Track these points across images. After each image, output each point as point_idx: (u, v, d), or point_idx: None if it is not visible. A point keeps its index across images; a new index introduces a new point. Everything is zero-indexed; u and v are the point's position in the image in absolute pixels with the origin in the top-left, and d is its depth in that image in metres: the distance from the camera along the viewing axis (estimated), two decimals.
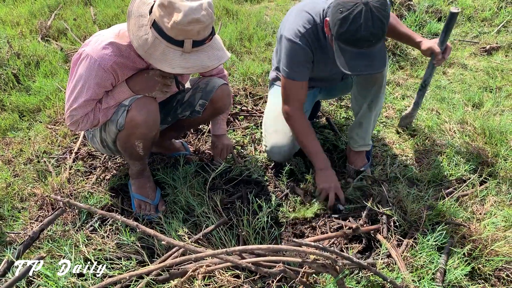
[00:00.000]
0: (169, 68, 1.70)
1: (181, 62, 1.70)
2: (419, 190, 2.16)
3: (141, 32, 1.70)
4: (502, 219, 1.96)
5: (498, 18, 4.39)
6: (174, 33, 1.64)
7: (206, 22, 1.64)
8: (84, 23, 4.40)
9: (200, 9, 1.62)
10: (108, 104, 1.86)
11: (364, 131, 2.30)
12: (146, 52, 1.70)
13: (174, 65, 1.70)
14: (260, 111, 2.98)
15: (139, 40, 1.70)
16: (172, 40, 1.66)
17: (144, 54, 1.71)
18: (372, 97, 2.19)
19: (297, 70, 2.09)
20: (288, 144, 2.29)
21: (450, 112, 2.87)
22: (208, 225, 1.92)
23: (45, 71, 3.41)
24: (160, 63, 1.70)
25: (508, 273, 1.76)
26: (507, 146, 2.44)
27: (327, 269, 1.45)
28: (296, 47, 2.04)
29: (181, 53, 1.70)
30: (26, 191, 2.28)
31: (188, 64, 1.71)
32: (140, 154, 2.00)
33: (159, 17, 1.64)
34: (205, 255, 1.49)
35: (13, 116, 2.94)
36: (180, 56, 1.70)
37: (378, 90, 2.17)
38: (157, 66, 1.71)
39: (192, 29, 1.63)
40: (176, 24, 1.61)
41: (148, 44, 1.68)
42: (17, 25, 4.42)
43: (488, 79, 3.40)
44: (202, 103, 2.19)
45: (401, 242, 1.86)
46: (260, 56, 3.71)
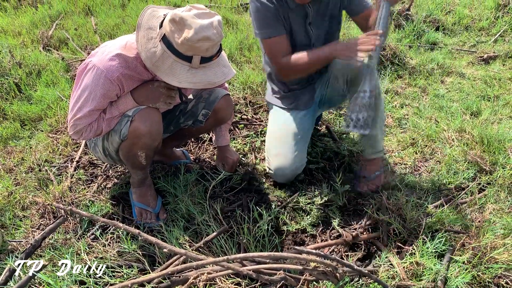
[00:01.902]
0: (176, 82, 1.73)
1: (188, 77, 1.73)
2: (418, 197, 2.18)
3: (149, 44, 1.73)
4: (501, 226, 1.97)
5: (495, 27, 4.44)
6: (183, 48, 1.67)
7: (216, 40, 1.67)
8: (85, 33, 4.45)
9: (210, 27, 1.65)
10: (112, 114, 1.88)
11: (373, 139, 2.29)
12: (153, 64, 1.72)
13: (181, 80, 1.73)
14: (260, 120, 3.00)
15: (147, 53, 1.72)
16: (181, 55, 1.69)
17: (152, 67, 1.73)
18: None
19: (269, 27, 2.11)
20: (290, 166, 2.25)
21: (449, 120, 2.90)
22: (209, 233, 1.93)
23: (46, 81, 3.43)
24: (168, 76, 1.72)
25: (508, 280, 1.77)
26: (505, 154, 2.46)
27: (328, 276, 1.46)
28: (259, 5, 2.07)
29: (188, 68, 1.72)
30: (28, 199, 2.29)
31: (195, 80, 1.74)
32: (142, 163, 2.02)
33: (169, 32, 1.67)
34: (206, 262, 1.50)
35: (15, 125, 2.96)
36: (188, 71, 1.73)
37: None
38: (164, 79, 1.74)
39: (202, 46, 1.66)
40: (186, 41, 1.63)
41: (156, 57, 1.71)
42: (18, 35, 4.46)
43: (485, 87, 3.44)
44: (205, 113, 2.21)
45: (401, 250, 1.87)
46: (259, 66, 3.74)
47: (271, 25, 2.10)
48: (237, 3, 5.48)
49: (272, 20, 2.09)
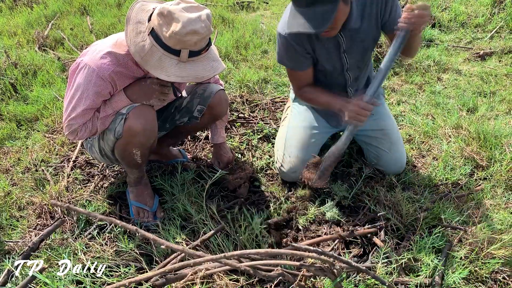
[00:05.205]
0: (164, 76, 1.72)
1: (176, 70, 1.72)
2: (415, 193, 2.18)
3: (138, 38, 1.72)
4: (498, 222, 1.98)
5: (491, 24, 4.44)
6: (171, 42, 1.66)
7: (204, 34, 1.67)
8: (81, 33, 4.44)
9: (198, 20, 1.64)
10: (106, 113, 1.87)
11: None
12: (142, 58, 1.72)
13: (170, 73, 1.72)
14: (256, 118, 3.00)
15: (136, 46, 1.72)
16: (169, 49, 1.68)
17: (141, 61, 1.73)
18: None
19: (292, 60, 2.10)
20: (301, 169, 2.22)
21: (445, 117, 2.90)
22: (205, 231, 1.92)
23: (42, 81, 3.42)
24: (156, 70, 1.72)
25: (505, 275, 1.77)
26: (501, 149, 2.46)
27: (325, 272, 1.46)
28: (284, 41, 2.04)
29: (177, 62, 1.72)
30: (24, 199, 2.28)
31: (183, 73, 1.74)
32: (138, 162, 2.01)
33: (157, 26, 1.67)
34: (204, 260, 1.50)
35: (11, 125, 2.95)
36: (176, 65, 1.72)
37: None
38: (152, 73, 1.73)
39: (190, 40, 1.65)
40: (174, 34, 1.63)
41: (145, 51, 1.71)
42: (14, 35, 4.44)
43: (482, 84, 3.44)
44: (200, 108, 2.21)
45: (399, 245, 1.87)
46: (256, 64, 3.74)
47: (295, 60, 2.09)
48: (233, 1, 5.48)
49: (297, 56, 2.07)
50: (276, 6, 5.58)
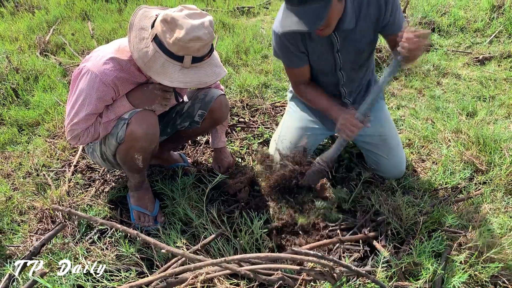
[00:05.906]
0: (168, 82, 1.74)
1: (179, 76, 1.74)
2: (415, 197, 2.19)
3: (141, 44, 1.74)
4: (498, 226, 1.99)
5: (490, 28, 4.47)
6: (175, 48, 1.68)
7: (207, 40, 1.68)
8: (82, 38, 4.46)
9: (201, 27, 1.66)
10: (108, 118, 1.89)
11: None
12: (145, 64, 1.73)
13: (173, 79, 1.74)
14: (256, 123, 3.01)
15: (139, 52, 1.73)
16: (172, 55, 1.70)
17: (144, 67, 1.74)
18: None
19: (287, 58, 2.13)
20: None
21: (445, 121, 2.91)
22: (206, 236, 1.93)
23: (43, 86, 3.44)
24: (159, 76, 1.73)
25: (505, 279, 1.77)
26: (501, 154, 2.47)
27: (325, 276, 1.47)
28: (278, 40, 2.07)
29: (180, 68, 1.73)
30: (26, 204, 2.29)
31: (186, 79, 1.75)
32: (139, 166, 2.02)
33: (161, 32, 1.68)
34: (204, 264, 1.50)
35: (12, 130, 2.96)
36: (179, 71, 1.74)
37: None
38: (156, 79, 1.75)
39: (193, 46, 1.67)
40: (177, 41, 1.65)
41: (148, 57, 1.72)
42: (15, 41, 4.47)
43: (481, 88, 3.45)
44: (201, 113, 2.22)
45: (399, 250, 1.88)
46: (256, 68, 3.75)
47: (289, 58, 2.12)
48: (233, 7, 5.51)
49: (291, 54, 2.10)
50: (276, 12, 5.60)
